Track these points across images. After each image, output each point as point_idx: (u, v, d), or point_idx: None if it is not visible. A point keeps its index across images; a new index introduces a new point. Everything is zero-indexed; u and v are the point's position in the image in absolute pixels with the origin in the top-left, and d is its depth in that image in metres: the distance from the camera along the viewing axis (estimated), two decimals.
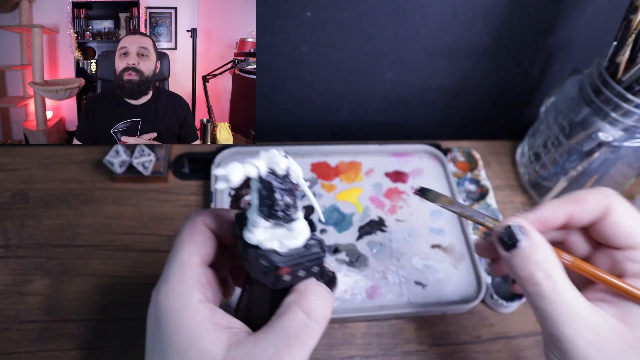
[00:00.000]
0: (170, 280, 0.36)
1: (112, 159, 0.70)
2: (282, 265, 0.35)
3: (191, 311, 0.34)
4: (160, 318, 0.35)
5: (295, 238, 0.36)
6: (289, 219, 0.36)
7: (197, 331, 0.34)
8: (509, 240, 0.38)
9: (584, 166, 0.68)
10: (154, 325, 0.36)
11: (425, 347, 0.62)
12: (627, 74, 0.60)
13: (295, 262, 0.35)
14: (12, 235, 0.66)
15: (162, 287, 0.36)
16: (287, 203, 0.35)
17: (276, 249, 0.35)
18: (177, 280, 0.35)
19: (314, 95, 0.84)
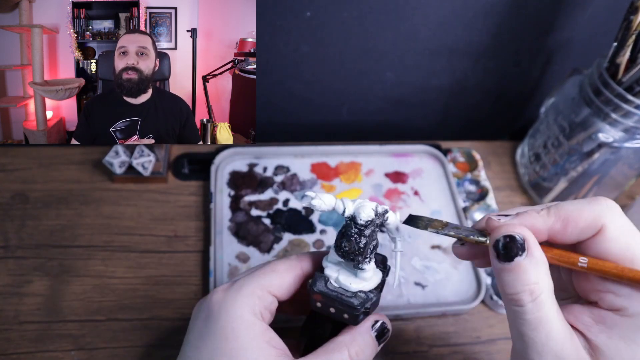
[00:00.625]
0: (243, 291, 0.39)
1: (112, 159, 0.70)
2: (317, 291, 0.39)
3: (251, 324, 0.38)
4: (217, 318, 0.38)
5: (352, 282, 0.40)
6: (355, 265, 0.39)
7: (250, 342, 0.37)
8: (505, 251, 0.35)
9: (584, 167, 0.68)
10: (205, 323, 0.39)
11: (425, 347, 0.62)
12: (628, 74, 0.60)
13: (332, 298, 0.39)
14: (11, 236, 0.66)
15: (234, 293, 0.39)
16: (351, 250, 0.39)
17: (329, 280, 0.40)
18: (250, 294, 0.39)
19: (314, 95, 0.84)
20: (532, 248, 0.34)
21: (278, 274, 0.41)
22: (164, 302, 0.62)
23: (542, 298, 0.34)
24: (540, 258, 0.34)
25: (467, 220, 0.73)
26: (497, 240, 0.35)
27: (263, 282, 0.40)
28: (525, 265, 0.34)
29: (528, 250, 0.34)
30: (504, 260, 0.35)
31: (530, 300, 0.34)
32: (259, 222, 0.70)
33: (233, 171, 0.75)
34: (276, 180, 0.75)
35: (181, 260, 0.66)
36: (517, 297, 0.34)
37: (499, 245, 0.35)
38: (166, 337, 0.60)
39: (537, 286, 0.34)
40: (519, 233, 0.35)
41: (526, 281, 0.34)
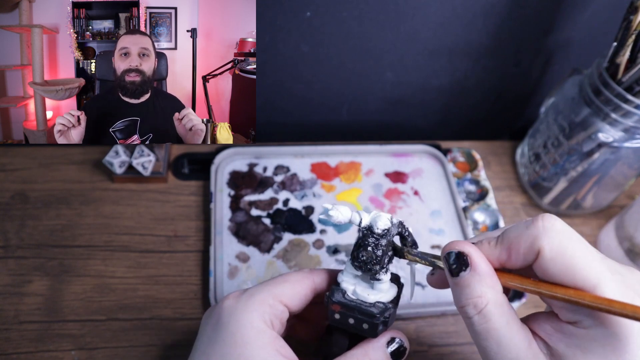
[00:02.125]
0: (254, 298, 0.40)
1: (112, 159, 0.70)
2: (335, 301, 0.40)
3: (261, 331, 0.38)
4: (227, 324, 0.39)
5: (370, 294, 0.41)
6: (372, 276, 0.40)
7: (260, 350, 0.37)
8: (452, 266, 0.37)
9: (584, 167, 0.68)
10: (214, 329, 0.39)
11: (425, 347, 0.62)
12: (627, 74, 0.60)
13: (350, 307, 0.40)
14: (11, 236, 0.66)
15: (245, 300, 0.40)
16: (369, 259, 0.40)
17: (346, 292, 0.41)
18: (261, 302, 0.39)
19: (314, 95, 0.84)
20: (475, 263, 0.36)
21: (290, 284, 0.42)
22: (164, 302, 0.62)
23: (488, 309, 0.35)
24: (484, 272, 0.36)
25: (467, 220, 0.73)
26: (445, 256, 0.37)
27: (274, 291, 0.40)
28: (469, 279, 0.36)
29: (472, 266, 0.36)
30: (452, 275, 0.37)
31: (475, 313, 0.35)
32: (259, 222, 0.70)
33: (233, 171, 0.75)
34: (276, 180, 0.75)
35: (181, 260, 0.66)
36: (463, 309, 0.36)
37: (449, 261, 0.37)
38: (166, 337, 0.60)
39: (480, 299, 0.35)
40: (463, 249, 0.36)
41: (470, 295, 0.35)
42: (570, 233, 0.35)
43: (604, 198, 0.75)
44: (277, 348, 0.38)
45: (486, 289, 0.35)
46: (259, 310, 0.39)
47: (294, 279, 0.42)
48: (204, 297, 0.63)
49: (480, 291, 0.35)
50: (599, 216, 0.78)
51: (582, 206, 0.75)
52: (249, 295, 0.40)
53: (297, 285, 0.42)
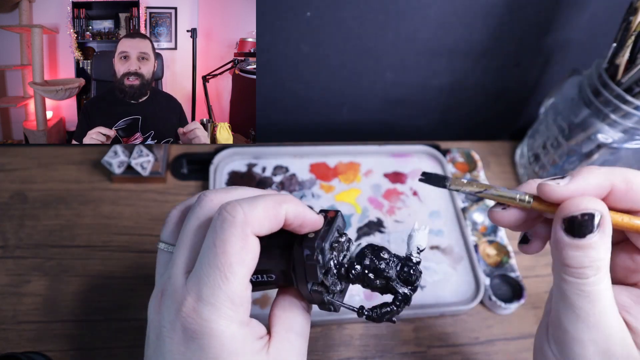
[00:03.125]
0: (220, 309, 0.33)
1: (111, 159, 0.70)
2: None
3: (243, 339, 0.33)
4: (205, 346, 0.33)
5: None
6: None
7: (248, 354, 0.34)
8: (579, 227, 0.32)
9: None
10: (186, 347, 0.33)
11: (424, 348, 0.62)
12: (627, 75, 0.60)
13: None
14: (10, 236, 0.66)
15: (208, 315, 0.32)
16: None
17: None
18: (227, 308, 0.33)
19: (314, 95, 0.84)
20: (606, 225, 0.33)
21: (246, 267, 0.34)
22: None
23: (604, 272, 0.33)
24: (610, 233, 0.33)
25: (466, 221, 0.73)
26: (573, 216, 0.33)
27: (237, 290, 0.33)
28: (596, 242, 0.32)
29: (601, 227, 0.32)
30: (575, 236, 0.33)
31: (594, 274, 0.32)
32: None
33: (232, 171, 0.75)
34: (275, 180, 0.75)
35: None
36: (581, 271, 0.33)
37: (574, 222, 0.33)
38: None
39: (602, 262, 0.33)
40: (597, 210, 0.33)
41: (594, 257, 0.32)
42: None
43: None
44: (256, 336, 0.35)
45: (608, 251, 0.33)
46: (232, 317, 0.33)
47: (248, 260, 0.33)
48: None
49: (604, 254, 0.33)
50: None
51: None
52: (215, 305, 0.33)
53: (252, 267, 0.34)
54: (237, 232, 0.33)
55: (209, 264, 0.33)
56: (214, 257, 0.33)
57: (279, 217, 0.35)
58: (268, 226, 0.34)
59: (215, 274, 0.32)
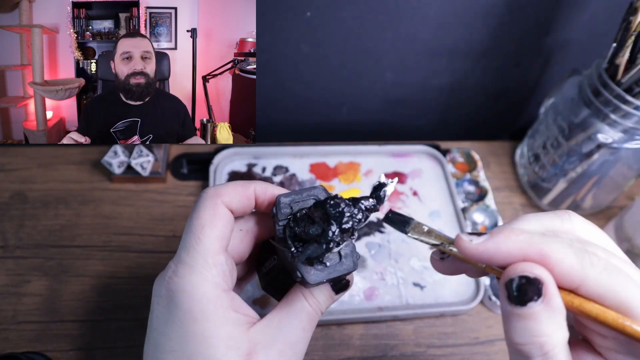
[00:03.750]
0: (193, 267, 0.36)
1: (111, 159, 0.70)
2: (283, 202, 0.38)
3: (216, 299, 0.35)
4: (180, 303, 0.35)
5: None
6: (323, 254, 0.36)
7: (221, 319, 0.35)
8: (518, 293, 0.29)
9: (583, 167, 0.68)
10: (167, 308, 0.36)
11: (423, 348, 0.62)
12: (627, 75, 0.60)
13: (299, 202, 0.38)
14: (10, 236, 0.66)
15: (183, 272, 0.36)
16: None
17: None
18: (201, 267, 0.36)
19: (314, 95, 0.84)
20: (549, 294, 0.29)
21: (218, 229, 0.37)
22: None
23: (554, 353, 0.29)
24: (558, 307, 0.29)
25: (466, 221, 0.73)
26: (511, 279, 0.30)
27: (208, 248, 0.36)
28: (539, 313, 0.29)
29: (545, 297, 0.29)
30: (515, 303, 0.29)
31: (539, 355, 0.29)
32: None
33: (232, 171, 0.75)
34: (275, 180, 0.75)
35: None
36: (524, 348, 0.29)
37: (513, 286, 0.29)
38: None
39: (549, 339, 0.29)
40: (537, 275, 0.29)
41: (538, 332, 0.29)
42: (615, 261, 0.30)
43: (604, 199, 0.75)
44: (236, 308, 0.36)
45: (557, 327, 0.29)
46: (205, 279, 0.35)
47: (219, 224, 0.37)
48: None
49: (549, 330, 0.28)
50: (599, 217, 0.77)
51: (582, 207, 0.75)
52: (186, 267, 0.36)
53: (224, 232, 0.38)
54: (208, 202, 0.38)
55: (186, 231, 0.37)
56: (189, 224, 0.37)
57: (248, 192, 0.39)
58: (238, 199, 0.39)
59: (190, 237, 0.37)
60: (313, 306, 0.39)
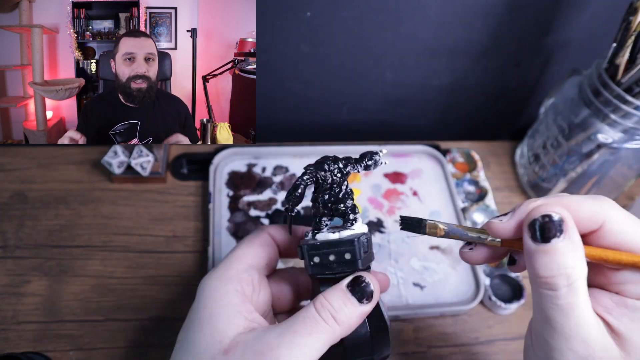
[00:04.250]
0: (218, 267, 0.42)
1: (111, 159, 0.70)
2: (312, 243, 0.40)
3: (222, 294, 0.39)
4: (198, 293, 0.40)
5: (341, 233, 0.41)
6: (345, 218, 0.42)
7: (220, 311, 0.38)
8: (542, 231, 0.32)
9: (583, 167, 0.68)
10: (195, 304, 0.40)
11: (423, 348, 0.62)
12: (627, 75, 0.60)
13: (328, 242, 0.40)
14: (10, 236, 0.66)
15: (211, 271, 0.42)
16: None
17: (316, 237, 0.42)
18: (223, 267, 0.41)
19: (314, 95, 0.84)
20: (570, 230, 0.32)
21: (252, 247, 0.44)
22: (162, 303, 0.62)
23: (578, 284, 0.32)
24: (578, 241, 0.32)
25: (466, 221, 0.73)
26: (535, 219, 0.33)
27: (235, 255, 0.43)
28: (563, 247, 0.32)
29: (566, 232, 0.32)
30: (540, 241, 0.32)
31: (565, 285, 0.32)
32: (257, 223, 0.70)
33: (232, 171, 0.75)
34: (275, 180, 0.75)
35: (180, 260, 0.66)
36: (551, 280, 0.32)
37: (536, 225, 0.33)
38: (164, 337, 0.60)
39: (573, 270, 0.32)
40: (557, 213, 0.32)
41: (563, 264, 0.32)
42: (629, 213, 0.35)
43: None
44: (240, 310, 0.39)
45: (579, 261, 0.32)
46: (221, 276, 0.40)
47: (256, 244, 0.44)
48: None
49: (574, 262, 0.32)
50: None
51: None
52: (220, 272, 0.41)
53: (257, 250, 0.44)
54: (257, 230, 0.46)
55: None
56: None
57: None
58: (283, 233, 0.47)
59: (231, 250, 0.44)
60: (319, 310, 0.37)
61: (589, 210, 0.34)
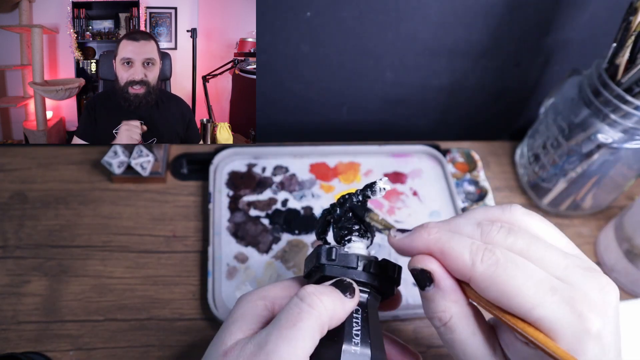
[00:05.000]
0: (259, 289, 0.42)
1: (111, 159, 0.70)
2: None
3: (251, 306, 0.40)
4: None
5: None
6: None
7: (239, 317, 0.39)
8: (417, 281, 0.37)
9: (583, 168, 0.68)
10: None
11: (423, 348, 0.62)
12: (627, 75, 0.60)
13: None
14: (10, 236, 0.66)
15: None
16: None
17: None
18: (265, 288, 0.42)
19: (314, 95, 0.84)
20: (438, 280, 0.36)
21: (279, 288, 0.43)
22: (162, 303, 0.63)
23: (452, 322, 0.36)
24: (447, 288, 0.36)
25: None
26: (411, 270, 0.37)
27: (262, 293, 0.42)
28: (433, 295, 0.36)
29: (435, 282, 0.36)
30: (419, 288, 0.37)
31: (440, 325, 0.37)
32: (257, 223, 0.70)
33: (232, 171, 0.75)
34: (275, 180, 0.75)
35: (180, 260, 0.66)
36: (431, 321, 0.37)
37: (414, 275, 0.37)
38: (164, 337, 0.60)
39: (444, 314, 0.36)
40: (426, 266, 0.36)
41: (434, 309, 0.37)
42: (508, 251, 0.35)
43: (604, 199, 0.75)
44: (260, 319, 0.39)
45: (450, 304, 0.36)
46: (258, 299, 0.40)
47: (283, 285, 0.43)
48: (203, 298, 0.63)
49: (443, 306, 0.36)
50: (599, 217, 0.77)
51: (582, 207, 0.75)
52: (259, 290, 0.42)
53: (285, 289, 0.42)
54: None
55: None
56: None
57: None
58: None
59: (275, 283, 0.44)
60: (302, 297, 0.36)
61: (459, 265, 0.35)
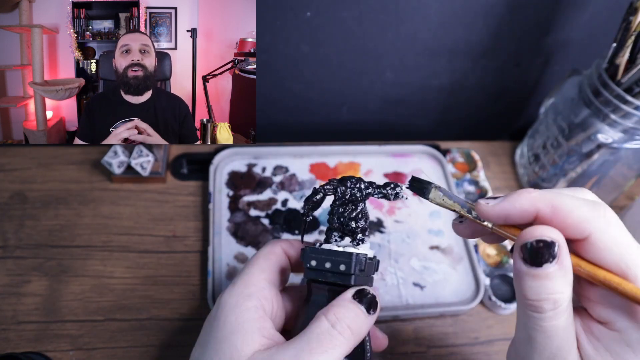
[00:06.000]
0: (236, 284, 0.41)
1: (111, 159, 0.70)
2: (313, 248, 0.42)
3: (242, 311, 0.39)
4: (217, 310, 0.40)
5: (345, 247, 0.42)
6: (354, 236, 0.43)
7: (238, 329, 0.38)
8: (535, 255, 0.32)
9: (584, 168, 0.68)
10: (211, 315, 0.41)
11: (423, 348, 0.62)
12: (627, 75, 0.60)
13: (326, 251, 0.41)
14: (10, 236, 0.66)
15: (228, 288, 0.41)
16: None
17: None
18: (243, 284, 0.41)
19: (314, 95, 0.84)
20: (563, 256, 0.31)
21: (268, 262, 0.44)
22: (162, 302, 0.62)
23: (563, 308, 0.32)
24: (568, 266, 0.32)
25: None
26: (527, 242, 0.32)
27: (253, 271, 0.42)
28: (554, 273, 0.31)
29: (559, 258, 0.31)
30: (531, 264, 0.32)
31: (551, 309, 0.32)
32: (257, 223, 0.70)
33: (232, 171, 0.75)
34: (275, 180, 0.75)
35: (180, 260, 0.66)
36: (538, 304, 0.32)
37: (528, 248, 0.32)
38: (164, 337, 0.60)
39: (561, 295, 0.32)
40: (553, 238, 0.32)
41: (552, 290, 0.31)
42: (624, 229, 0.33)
43: (604, 199, 0.74)
44: (259, 326, 0.38)
45: (567, 286, 0.32)
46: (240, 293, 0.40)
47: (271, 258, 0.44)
48: (203, 298, 0.63)
49: (562, 287, 0.32)
50: None
51: None
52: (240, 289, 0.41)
53: (273, 265, 0.43)
54: (269, 243, 0.46)
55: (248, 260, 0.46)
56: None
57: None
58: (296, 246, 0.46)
59: (246, 265, 0.44)
60: (333, 323, 0.37)
61: (578, 218, 0.32)
